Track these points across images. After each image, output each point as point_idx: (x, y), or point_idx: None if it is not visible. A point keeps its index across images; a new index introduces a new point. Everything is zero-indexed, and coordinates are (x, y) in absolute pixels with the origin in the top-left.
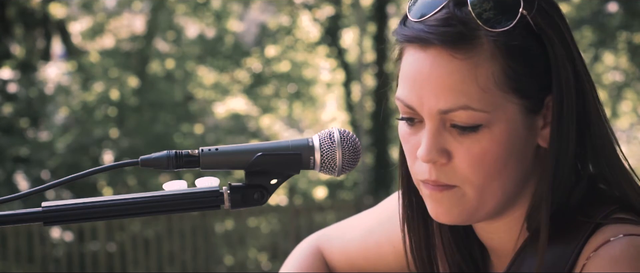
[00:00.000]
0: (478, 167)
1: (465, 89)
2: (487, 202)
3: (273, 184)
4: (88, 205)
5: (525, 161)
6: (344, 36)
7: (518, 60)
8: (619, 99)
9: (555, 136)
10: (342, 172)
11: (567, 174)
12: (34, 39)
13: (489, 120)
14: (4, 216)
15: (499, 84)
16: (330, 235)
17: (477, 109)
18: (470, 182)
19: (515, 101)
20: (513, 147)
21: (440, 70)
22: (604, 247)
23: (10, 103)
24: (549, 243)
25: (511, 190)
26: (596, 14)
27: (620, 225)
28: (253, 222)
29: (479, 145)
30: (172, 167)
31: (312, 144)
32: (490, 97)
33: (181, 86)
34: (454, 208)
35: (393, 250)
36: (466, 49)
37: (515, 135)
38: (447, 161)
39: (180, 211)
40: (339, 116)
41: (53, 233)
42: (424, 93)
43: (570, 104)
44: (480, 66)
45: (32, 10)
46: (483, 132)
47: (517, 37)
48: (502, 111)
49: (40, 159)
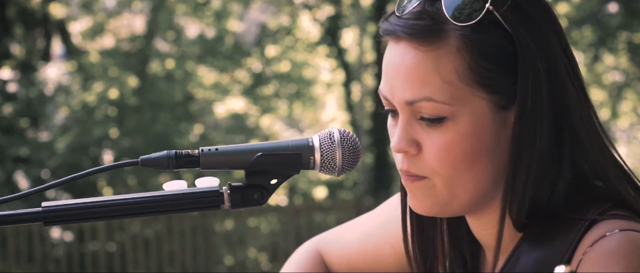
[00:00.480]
0: (444, 159)
1: (428, 80)
2: (458, 195)
3: (273, 184)
4: (88, 205)
5: (498, 156)
6: (344, 36)
7: (484, 55)
8: (619, 99)
9: (517, 132)
10: (342, 172)
11: (536, 169)
12: (34, 39)
13: (453, 113)
14: (4, 216)
15: (463, 78)
16: (329, 238)
17: (439, 101)
18: (438, 174)
19: (483, 96)
20: (481, 142)
21: (407, 62)
22: (600, 242)
23: (10, 102)
24: (544, 240)
25: (486, 184)
26: (596, 13)
27: (615, 221)
28: (253, 222)
29: (444, 137)
30: (172, 167)
31: (312, 144)
32: (453, 90)
33: (181, 86)
34: (426, 199)
35: (392, 251)
36: (431, 41)
37: (483, 130)
38: (417, 152)
39: (180, 211)
40: (339, 116)
41: (53, 233)
42: (394, 84)
43: (537, 101)
44: (443, 59)
45: (32, 10)
46: (448, 125)
47: (484, 33)
48: (468, 105)
49: (40, 159)
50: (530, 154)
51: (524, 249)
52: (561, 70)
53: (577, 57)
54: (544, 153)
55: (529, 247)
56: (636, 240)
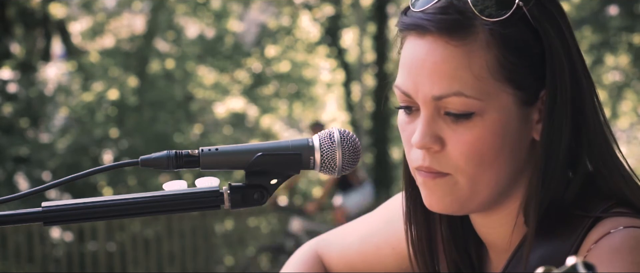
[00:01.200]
0: (471, 156)
1: (458, 75)
2: (480, 192)
3: (273, 184)
4: (88, 205)
5: (519, 153)
6: (344, 36)
7: (512, 50)
8: (619, 99)
9: (547, 129)
10: (342, 172)
11: (559, 168)
12: (34, 39)
13: (482, 108)
14: (4, 216)
15: (493, 73)
16: (328, 240)
17: (470, 96)
18: (462, 171)
19: (510, 91)
20: (506, 138)
21: (435, 57)
22: (604, 239)
23: (10, 102)
24: (548, 237)
25: (505, 182)
26: (596, 14)
27: (620, 218)
28: (253, 222)
29: (471, 133)
30: (172, 167)
31: (312, 144)
32: (483, 85)
33: (181, 86)
34: (446, 196)
35: (392, 252)
36: (461, 36)
37: (508, 126)
38: (440, 148)
39: (180, 211)
40: (339, 116)
41: (53, 233)
42: (419, 79)
43: (564, 99)
44: (474, 54)
45: (32, 10)
46: (476, 120)
47: (512, 28)
48: (496, 100)
49: (41, 160)
50: (557, 152)
51: (527, 246)
52: (578, 68)
53: None
54: (566, 150)
55: (534, 245)
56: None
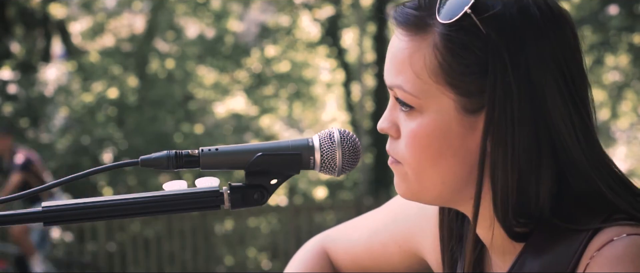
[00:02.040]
0: (411, 148)
1: (403, 69)
2: (427, 187)
3: (273, 184)
4: (88, 205)
5: (465, 157)
6: (344, 36)
7: (456, 55)
8: (619, 99)
9: (484, 139)
10: (342, 172)
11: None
12: (34, 39)
13: (421, 106)
14: (4, 216)
15: (432, 74)
16: (334, 236)
17: (407, 91)
18: (407, 162)
19: (451, 96)
20: (445, 141)
21: (393, 48)
22: (607, 247)
23: (10, 103)
24: (548, 248)
25: (454, 183)
26: (596, 14)
27: (622, 227)
28: (253, 222)
29: (412, 127)
30: (172, 167)
31: (312, 145)
32: (422, 84)
33: (181, 86)
34: (401, 183)
35: (398, 250)
36: (415, 32)
37: (447, 130)
38: (397, 136)
39: (180, 212)
40: (339, 116)
41: (53, 233)
42: (386, 68)
43: (506, 112)
44: (418, 52)
45: (32, 10)
46: (415, 115)
47: (462, 35)
48: (435, 102)
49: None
50: (502, 163)
51: (529, 254)
52: (548, 83)
53: None
54: (519, 161)
55: (535, 252)
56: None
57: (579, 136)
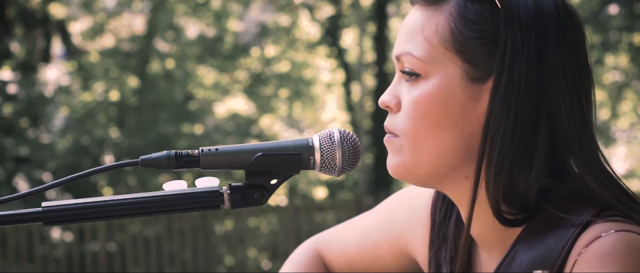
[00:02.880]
0: (411, 116)
1: (414, 36)
2: (422, 161)
3: (273, 184)
4: (88, 205)
5: (464, 129)
6: (344, 36)
7: (468, 23)
8: (619, 99)
9: (488, 112)
10: (342, 172)
11: (508, 151)
12: (34, 39)
13: (427, 71)
14: (4, 216)
15: (442, 40)
16: (328, 238)
17: (415, 57)
18: (405, 133)
19: (458, 63)
20: (446, 107)
21: (408, 20)
22: (595, 243)
23: (11, 103)
24: (540, 240)
25: (450, 156)
26: (596, 14)
27: (611, 222)
28: (253, 222)
29: (415, 94)
30: (172, 167)
31: (312, 145)
32: (431, 49)
33: (181, 86)
34: (394, 158)
35: (390, 250)
36: (431, 3)
37: (450, 96)
38: (397, 109)
39: (180, 212)
40: (339, 116)
41: (53, 233)
42: (397, 41)
43: (513, 80)
44: (432, 19)
45: (32, 10)
46: (420, 83)
47: (476, 6)
48: (442, 68)
49: (41, 161)
50: (502, 132)
51: (519, 249)
52: (553, 63)
53: None
54: (515, 135)
55: (525, 247)
56: (631, 241)
57: (577, 123)
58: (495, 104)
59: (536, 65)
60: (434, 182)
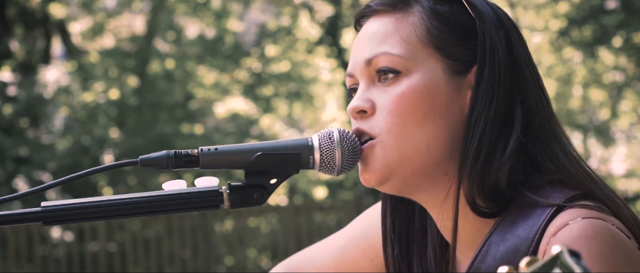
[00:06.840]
0: (397, 112)
1: (388, 38)
2: (409, 157)
3: (273, 184)
4: (88, 205)
5: (451, 122)
6: (344, 36)
7: (443, 21)
8: (619, 99)
9: (472, 101)
10: (342, 171)
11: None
12: (34, 39)
13: (408, 68)
14: (4, 216)
15: (421, 37)
16: (299, 262)
17: (395, 54)
18: (389, 130)
19: (438, 58)
20: (433, 101)
21: (372, 28)
22: (563, 230)
23: (10, 103)
24: (511, 230)
25: (438, 150)
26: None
27: (579, 210)
28: (253, 222)
29: (397, 91)
30: (172, 167)
31: (311, 144)
32: (410, 47)
33: (181, 86)
34: (376, 161)
35: (370, 264)
36: (398, 9)
37: (435, 90)
38: (371, 112)
39: (180, 211)
40: (339, 116)
41: (53, 233)
42: (356, 54)
43: (494, 77)
44: (405, 21)
45: (32, 10)
46: (402, 80)
47: (446, 5)
48: (423, 64)
49: (41, 161)
50: (484, 117)
51: (493, 241)
52: (520, 58)
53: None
54: (496, 120)
55: (498, 239)
56: (598, 227)
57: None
58: (479, 92)
59: (511, 58)
60: (414, 183)
